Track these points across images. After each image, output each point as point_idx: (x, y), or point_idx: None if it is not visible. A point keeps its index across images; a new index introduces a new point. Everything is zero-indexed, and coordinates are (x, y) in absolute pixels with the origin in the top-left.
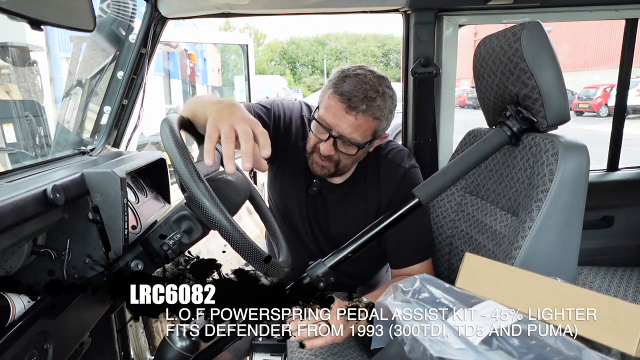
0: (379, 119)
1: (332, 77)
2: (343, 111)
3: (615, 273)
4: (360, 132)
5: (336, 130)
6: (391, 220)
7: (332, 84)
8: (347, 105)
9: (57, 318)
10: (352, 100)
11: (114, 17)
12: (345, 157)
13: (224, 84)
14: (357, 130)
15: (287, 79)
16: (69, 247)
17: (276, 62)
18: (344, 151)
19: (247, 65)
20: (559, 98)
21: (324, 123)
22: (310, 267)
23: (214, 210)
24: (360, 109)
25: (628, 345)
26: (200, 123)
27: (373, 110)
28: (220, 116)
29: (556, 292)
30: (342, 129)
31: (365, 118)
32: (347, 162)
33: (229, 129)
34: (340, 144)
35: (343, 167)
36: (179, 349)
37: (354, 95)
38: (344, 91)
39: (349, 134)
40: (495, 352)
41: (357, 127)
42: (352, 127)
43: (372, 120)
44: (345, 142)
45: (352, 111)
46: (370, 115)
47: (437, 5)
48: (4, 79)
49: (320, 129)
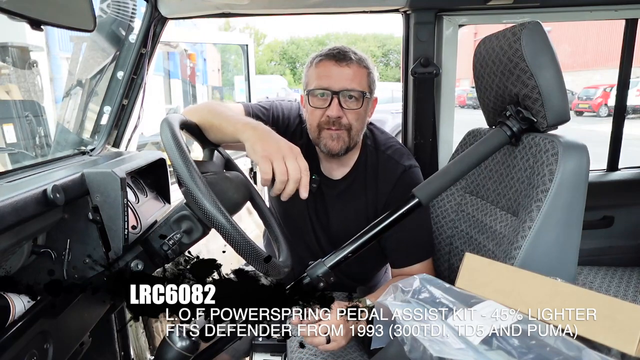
0: (368, 68)
1: (309, 59)
2: (335, 67)
3: (615, 273)
4: (357, 81)
5: (336, 86)
6: (391, 220)
7: (313, 58)
8: (335, 60)
9: (57, 318)
10: (339, 54)
11: (114, 17)
12: (354, 116)
13: (224, 84)
14: (354, 79)
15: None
16: (69, 247)
17: (276, 62)
18: (351, 107)
19: (247, 65)
20: (559, 98)
21: (322, 87)
22: (310, 267)
23: (213, 210)
24: (349, 58)
25: (628, 345)
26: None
27: (359, 59)
28: (269, 149)
29: (556, 292)
30: (341, 82)
31: (357, 67)
32: (358, 126)
33: (283, 170)
34: (344, 102)
35: (355, 134)
36: (179, 349)
37: (337, 52)
38: (328, 52)
39: (349, 85)
40: (495, 352)
41: (353, 77)
42: (349, 78)
43: (363, 69)
44: (348, 98)
45: (342, 62)
46: (359, 64)
47: (437, 5)
48: (4, 79)
49: (320, 98)
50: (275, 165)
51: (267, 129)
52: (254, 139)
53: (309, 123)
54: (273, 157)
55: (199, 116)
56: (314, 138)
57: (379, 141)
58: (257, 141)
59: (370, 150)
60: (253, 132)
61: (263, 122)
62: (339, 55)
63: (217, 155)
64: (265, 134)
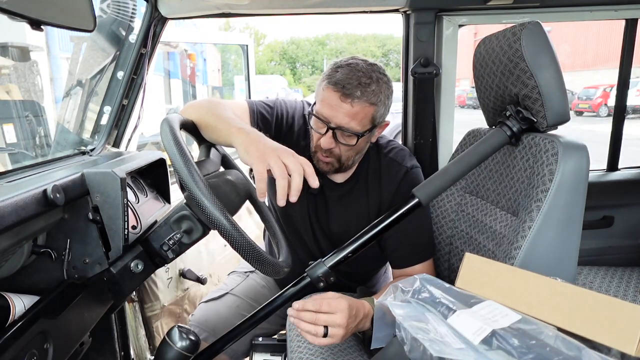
0: (376, 105)
1: (325, 70)
2: (338, 100)
3: (615, 273)
4: (358, 120)
5: (334, 121)
6: (391, 220)
7: (326, 76)
8: (341, 93)
9: (57, 318)
10: (346, 87)
11: (114, 17)
12: (346, 148)
13: (224, 84)
14: (354, 118)
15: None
16: (69, 247)
17: (276, 62)
18: (344, 142)
19: (247, 65)
20: (558, 98)
21: (321, 116)
22: (310, 267)
23: (213, 209)
24: (355, 95)
25: (628, 345)
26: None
27: (368, 95)
28: (262, 150)
29: (556, 292)
30: (339, 119)
31: (361, 105)
32: (350, 155)
33: (281, 166)
34: (339, 135)
35: (346, 161)
36: (179, 349)
37: (347, 82)
38: (337, 80)
39: (346, 124)
40: (495, 352)
41: (354, 115)
42: (349, 116)
43: (369, 106)
44: (344, 133)
45: (347, 99)
46: (366, 101)
47: (437, 5)
48: (4, 79)
49: (319, 123)
50: (272, 164)
51: (261, 135)
52: (246, 143)
53: (311, 138)
54: (267, 156)
55: (197, 114)
56: (311, 154)
57: (380, 143)
58: (249, 144)
59: (372, 153)
60: (246, 136)
61: (267, 120)
62: (346, 88)
63: (213, 152)
64: (259, 138)
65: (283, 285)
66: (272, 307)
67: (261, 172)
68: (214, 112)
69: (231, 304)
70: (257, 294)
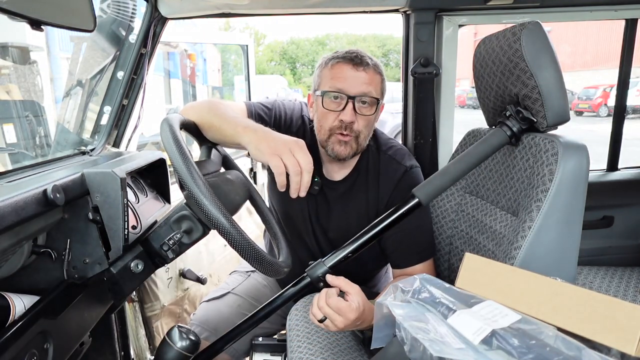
0: (382, 75)
1: (322, 59)
2: (352, 70)
3: (615, 273)
4: (373, 86)
5: (353, 91)
6: (391, 220)
7: (328, 59)
8: (353, 63)
9: (57, 318)
10: (356, 58)
11: (114, 17)
12: (365, 122)
13: (224, 84)
14: (371, 84)
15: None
16: (69, 247)
17: (276, 62)
18: (363, 113)
19: (247, 65)
20: (558, 98)
21: (337, 90)
22: (310, 267)
23: (213, 209)
24: (366, 62)
25: (628, 345)
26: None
27: (375, 65)
28: (274, 146)
29: (556, 292)
30: (358, 87)
31: (373, 72)
32: (366, 133)
33: (294, 162)
34: (358, 106)
35: (362, 140)
36: (179, 349)
37: (355, 54)
38: (344, 55)
39: (365, 90)
40: (495, 352)
41: (370, 82)
42: (366, 83)
43: (378, 75)
44: (363, 103)
45: (359, 67)
46: (375, 69)
47: (437, 5)
48: (4, 79)
49: (334, 101)
50: (285, 159)
51: (267, 129)
52: (256, 141)
53: (319, 124)
54: (281, 152)
55: (198, 115)
56: (322, 140)
57: (380, 142)
58: (260, 142)
59: (371, 151)
60: (254, 134)
61: (265, 122)
62: (356, 59)
63: (214, 152)
64: (267, 134)
65: (284, 285)
66: (272, 307)
67: (279, 166)
68: (215, 113)
69: (232, 303)
70: (259, 293)
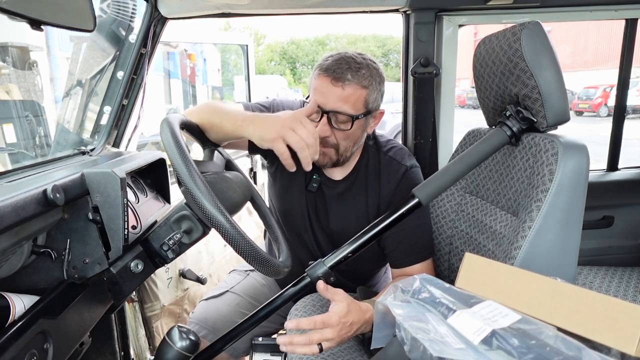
0: (367, 88)
1: (317, 63)
2: (330, 85)
3: (615, 273)
4: (351, 103)
5: (327, 107)
6: (391, 220)
7: (317, 66)
8: (332, 78)
9: (57, 318)
10: (336, 72)
11: (114, 17)
12: (343, 136)
13: (224, 84)
14: (347, 101)
15: (287, 79)
16: (69, 247)
17: (276, 62)
18: (339, 127)
19: (247, 65)
20: (558, 98)
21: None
22: (310, 267)
23: (213, 210)
24: (346, 78)
25: (628, 345)
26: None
27: (359, 78)
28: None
29: (556, 292)
30: (332, 103)
31: (353, 87)
32: (347, 145)
33: (297, 139)
34: (334, 121)
35: (344, 152)
36: (179, 349)
37: (337, 67)
38: (327, 67)
39: (339, 107)
40: (495, 352)
41: (347, 99)
42: (342, 100)
43: (361, 89)
44: (338, 118)
45: (338, 82)
46: (357, 84)
47: (437, 5)
48: (4, 79)
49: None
50: (289, 139)
51: (263, 115)
52: (258, 130)
53: None
54: (282, 133)
55: (199, 117)
56: None
57: (380, 142)
58: (261, 130)
59: (371, 151)
60: (253, 124)
61: None
62: (336, 73)
63: (217, 155)
64: (264, 119)
65: (283, 284)
66: (272, 307)
67: (283, 152)
68: (214, 112)
69: (231, 302)
70: (257, 292)
